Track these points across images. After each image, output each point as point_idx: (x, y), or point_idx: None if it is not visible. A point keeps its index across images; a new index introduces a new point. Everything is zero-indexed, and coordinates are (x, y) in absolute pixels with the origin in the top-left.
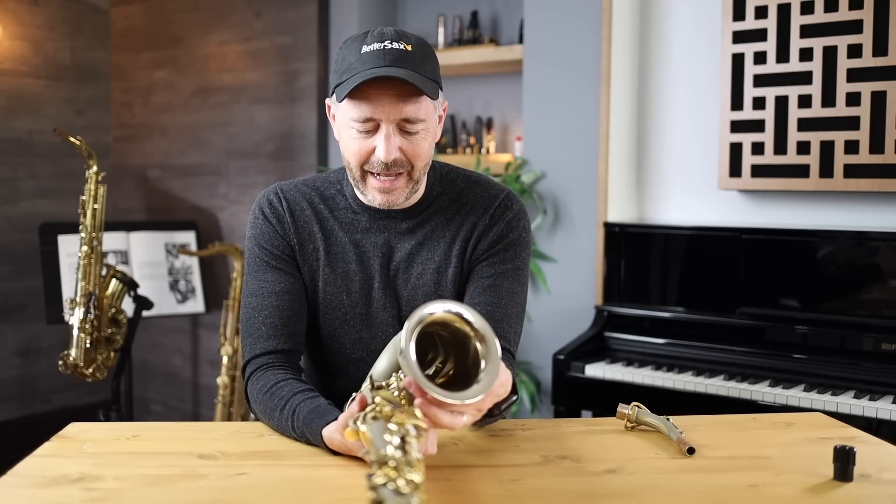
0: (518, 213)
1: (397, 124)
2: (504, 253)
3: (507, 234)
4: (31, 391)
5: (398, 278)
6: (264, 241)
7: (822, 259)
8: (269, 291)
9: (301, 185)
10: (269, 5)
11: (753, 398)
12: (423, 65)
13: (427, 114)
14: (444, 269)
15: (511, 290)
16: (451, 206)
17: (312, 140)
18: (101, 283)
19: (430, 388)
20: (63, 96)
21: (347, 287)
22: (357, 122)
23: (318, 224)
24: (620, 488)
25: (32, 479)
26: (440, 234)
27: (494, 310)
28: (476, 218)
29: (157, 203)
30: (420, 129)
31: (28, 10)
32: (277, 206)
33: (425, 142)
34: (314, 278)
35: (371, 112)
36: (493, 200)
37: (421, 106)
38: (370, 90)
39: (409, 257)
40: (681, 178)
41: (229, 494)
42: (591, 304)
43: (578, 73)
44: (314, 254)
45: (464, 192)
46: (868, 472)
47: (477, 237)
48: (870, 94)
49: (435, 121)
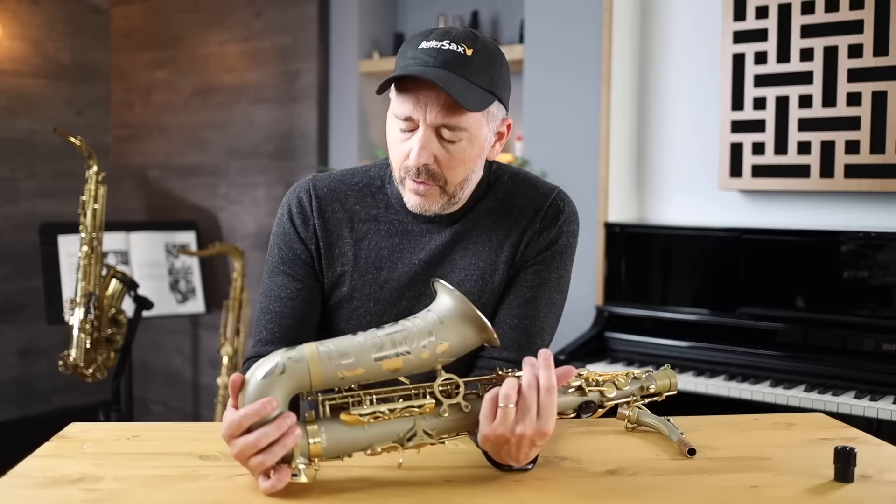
0: (570, 215)
1: (436, 130)
2: (551, 261)
3: (556, 240)
4: (32, 391)
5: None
6: (283, 242)
7: (822, 259)
8: (275, 296)
9: (338, 182)
10: (269, 5)
11: (754, 398)
12: (479, 72)
13: (474, 124)
14: (490, 276)
15: (550, 301)
16: (498, 207)
17: (313, 140)
18: (102, 283)
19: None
20: (63, 96)
21: (377, 295)
22: (398, 118)
23: (350, 227)
24: (621, 489)
25: (32, 480)
26: (486, 237)
27: (531, 323)
28: (527, 222)
29: (158, 203)
30: (461, 139)
31: (28, 10)
32: (306, 206)
33: (465, 154)
34: (339, 284)
35: (411, 111)
36: (543, 201)
37: (464, 115)
38: (415, 88)
39: (451, 263)
40: (681, 178)
41: (229, 495)
42: (591, 304)
43: (579, 74)
44: (341, 259)
45: (511, 190)
46: (869, 472)
47: (527, 242)
48: (870, 94)
49: (484, 135)
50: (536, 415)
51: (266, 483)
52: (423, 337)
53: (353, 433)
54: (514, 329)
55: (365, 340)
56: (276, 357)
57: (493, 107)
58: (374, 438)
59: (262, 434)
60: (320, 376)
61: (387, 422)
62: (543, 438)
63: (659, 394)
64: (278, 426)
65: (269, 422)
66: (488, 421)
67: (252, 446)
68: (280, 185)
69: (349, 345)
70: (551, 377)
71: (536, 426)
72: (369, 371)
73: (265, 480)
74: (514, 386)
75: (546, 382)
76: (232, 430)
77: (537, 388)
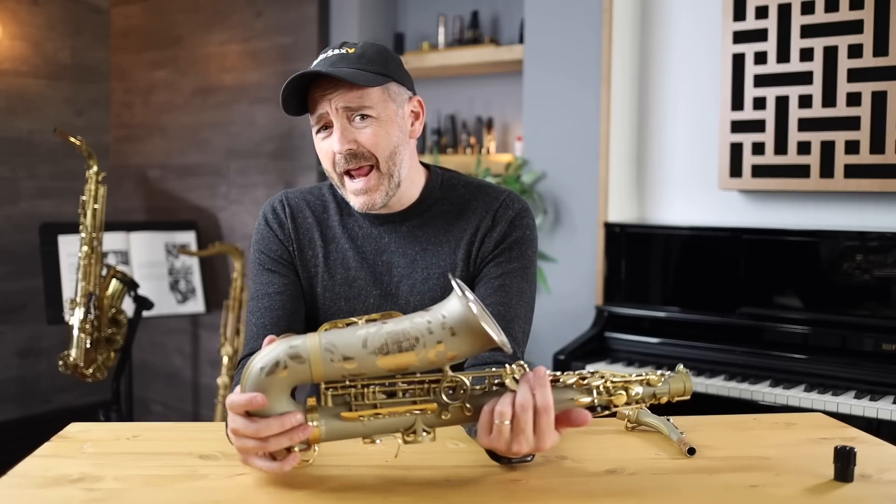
0: (520, 211)
1: (346, 116)
2: (509, 252)
3: (510, 233)
4: (32, 391)
5: (402, 284)
6: (263, 245)
7: (822, 259)
8: (262, 293)
9: (307, 193)
10: (269, 5)
11: (754, 398)
12: (366, 61)
13: (377, 101)
14: (452, 273)
15: (520, 290)
16: (452, 210)
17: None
18: (102, 283)
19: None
20: (63, 96)
21: (346, 294)
22: (315, 126)
23: (320, 231)
24: (621, 488)
25: (32, 480)
26: (443, 238)
27: (505, 310)
28: (479, 220)
29: (158, 203)
30: (370, 117)
31: (28, 10)
32: (280, 213)
33: (382, 129)
34: (312, 284)
35: (318, 108)
36: (494, 202)
37: (365, 94)
38: (314, 94)
39: (412, 263)
40: (681, 178)
41: (229, 494)
42: (591, 304)
43: (579, 73)
44: (313, 260)
45: (465, 196)
46: (868, 472)
47: (481, 238)
48: (870, 94)
49: (394, 111)
50: (532, 433)
51: (268, 464)
52: (431, 345)
53: (352, 426)
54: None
55: (370, 340)
56: (278, 350)
57: (393, 86)
58: (373, 431)
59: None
60: (322, 375)
61: (387, 418)
62: (542, 451)
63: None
64: (282, 423)
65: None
66: (485, 433)
67: (259, 442)
68: (280, 185)
69: (353, 344)
70: (547, 397)
71: (533, 444)
72: (373, 372)
73: (267, 462)
74: (509, 403)
75: (542, 402)
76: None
77: (533, 409)
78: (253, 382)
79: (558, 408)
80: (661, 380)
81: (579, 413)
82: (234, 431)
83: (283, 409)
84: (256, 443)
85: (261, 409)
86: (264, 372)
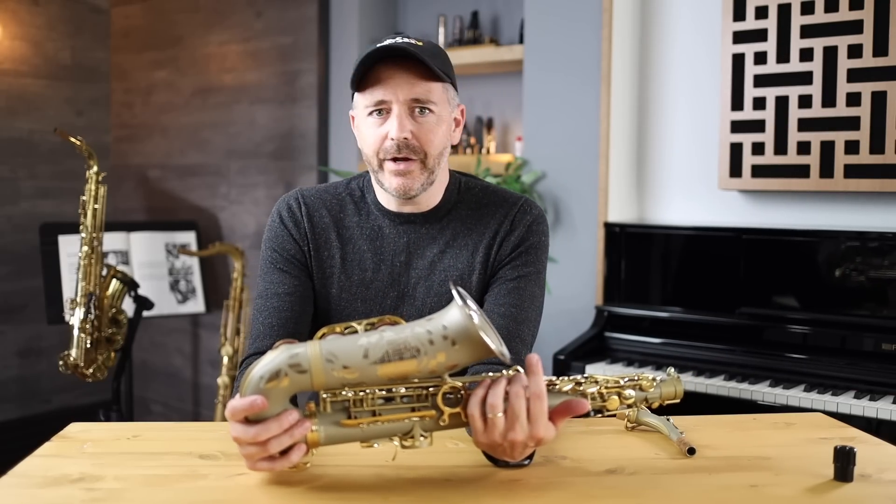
0: (537, 217)
1: (409, 106)
2: (525, 256)
3: (527, 238)
4: (32, 391)
5: (419, 286)
6: (277, 244)
7: (822, 259)
8: (272, 293)
9: (323, 192)
10: (269, 5)
11: (753, 398)
12: (432, 57)
13: (439, 99)
14: (469, 277)
15: (532, 294)
16: (471, 213)
17: (313, 140)
18: (102, 283)
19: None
20: (63, 96)
21: (363, 295)
22: (370, 107)
23: (336, 231)
24: (620, 488)
25: (33, 480)
26: (462, 241)
27: (518, 311)
28: (497, 224)
29: (158, 203)
30: (433, 110)
31: (28, 10)
32: (296, 211)
33: (438, 128)
34: (327, 285)
35: (382, 94)
36: (512, 207)
37: (432, 88)
38: (381, 74)
39: (431, 265)
40: (681, 178)
41: (229, 494)
42: (591, 304)
43: (579, 73)
44: (329, 261)
45: (483, 200)
46: (868, 472)
47: (500, 242)
48: (870, 94)
49: (449, 112)
50: (527, 421)
51: (274, 463)
52: (431, 355)
53: (350, 431)
54: (502, 317)
55: (371, 351)
56: (279, 360)
57: (451, 88)
58: (371, 436)
59: (276, 443)
60: (322, 384)
61: (385, 424)
62: (537, 442)
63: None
64: (280, 424)
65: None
66: (479, 426)
67: (259, 446)
68: (280, 185)
69: (354, 354)
70: (539, 384)
71: (528, 432)
72: (373, 381)
73: (272, 462)
74: (500, 394)
75: (535, 389)
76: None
77: (526, 396)
78: (252, 391)
79: (554, 407)
80: (653, 385)
81: (578, 400)
82: (234, 440)
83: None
84: (258, 448)
85: (260, 415)
86: (264, 381)
